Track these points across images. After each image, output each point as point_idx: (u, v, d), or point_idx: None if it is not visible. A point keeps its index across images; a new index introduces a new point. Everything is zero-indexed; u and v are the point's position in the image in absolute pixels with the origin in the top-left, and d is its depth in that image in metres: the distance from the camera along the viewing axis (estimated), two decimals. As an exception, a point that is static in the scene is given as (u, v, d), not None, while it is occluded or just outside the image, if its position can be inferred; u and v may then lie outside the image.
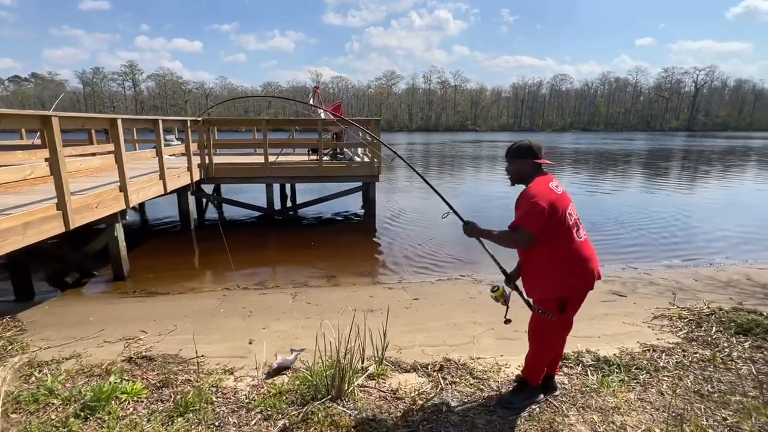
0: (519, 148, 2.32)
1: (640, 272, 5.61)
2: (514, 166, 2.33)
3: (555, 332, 2.34)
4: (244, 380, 2.83)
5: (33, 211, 3.91)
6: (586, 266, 2.21)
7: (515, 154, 2.32)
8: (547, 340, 2.34)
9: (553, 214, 2.12)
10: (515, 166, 2.33)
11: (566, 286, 2.21)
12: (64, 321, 4.11)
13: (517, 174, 2.33)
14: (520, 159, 2.30)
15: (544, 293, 2.27)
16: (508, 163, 2.37)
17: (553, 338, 2.36)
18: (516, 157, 2.31)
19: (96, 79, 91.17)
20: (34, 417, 2.37)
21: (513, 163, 2.34)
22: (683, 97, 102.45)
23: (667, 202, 11.37)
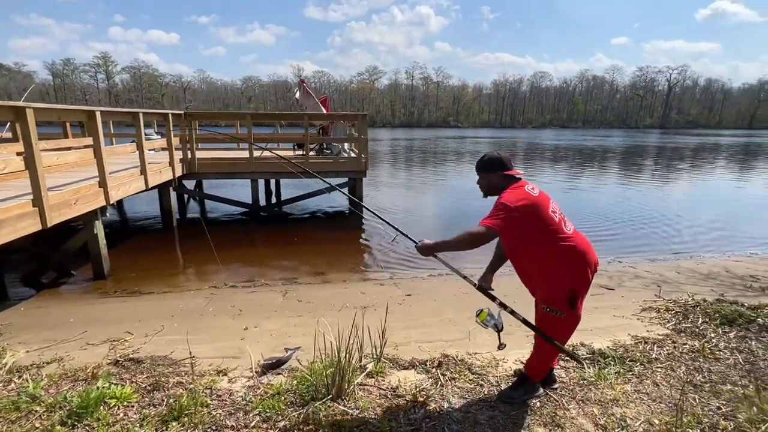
0: (489, 161, 2.28)
1: (625, 266, 5.74)
2: (485, 180, 2.31)
3: (563, 328, 2.31)
4: (238, 381, 2.75)
5: (8, 207, 3.70)
6: (586, 256, 2.20)
7: (486, 168, 2.29)
8: (554, 337, 2.31)
9: (535, 214, 2.11)
10: (486, 179, 2.31)
11: (575, 279, 2.19)
12: (43, 323, 3.92)
13: (488, 187, 2.32)
14: (491, 172, 2.28)
15: (556, 292, 2.20)
16: (479, 176, 2.34)
17: (561, 334, 2.34)
18: (487, 171, 2.29)
19: (67, 70, 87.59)
20: (16, 426, 2.23)
21: (484, 177, 2.31)
22: (657, 96, 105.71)
23: (645, 197, 11.70)
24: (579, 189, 13.27)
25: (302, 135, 8.87)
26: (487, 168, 2.29)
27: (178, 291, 4.97)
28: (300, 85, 10.58)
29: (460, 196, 11.88)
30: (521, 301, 2.79)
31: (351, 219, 9.11)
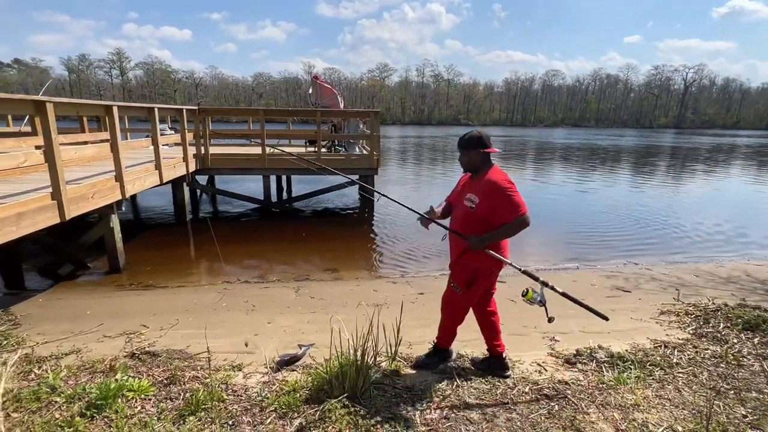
0: (471, 139, 2.48)
1: (641, 268, 5.63)
2: (467, 156, 2.51)
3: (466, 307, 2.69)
4: (253, 377, 2.75)
5: (27, 201, 3.75)
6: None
7: (468, 145, 2.48)
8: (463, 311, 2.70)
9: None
10: (468, 156, 2.50)
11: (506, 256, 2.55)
12: (61, 315, 3.97)
13: (470, 163, 2.51)
14: (472, 149, 2.47)
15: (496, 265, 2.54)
16: (460, 153, 2.53)
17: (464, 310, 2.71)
18: (469, 148, 2.48)
19: (82, 66, 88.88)
20: (36, 416, 2.26)
21: (465, 153, 2.50)
22: (672, 95, 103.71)
23: (659, 198, 11.49)
24: (591, 189, 13.08)
25: (314, 132, 8.87)
26: (469, 146, 2.47)
27: (191, 286, 5.01)
28: (314, 83, 10.56)
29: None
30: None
31: (361, 216, 9.10)
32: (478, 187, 2.44)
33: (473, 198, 2.43)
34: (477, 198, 2.41)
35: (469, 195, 2.46)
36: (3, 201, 3.79)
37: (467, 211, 2.47)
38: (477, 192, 2.43)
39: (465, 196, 2.49)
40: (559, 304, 4.28)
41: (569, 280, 5.10)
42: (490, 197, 2.38)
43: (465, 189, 2.56)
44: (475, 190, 2.45)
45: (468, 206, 2.45)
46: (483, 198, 2.40)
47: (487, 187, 2.40)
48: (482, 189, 2.42)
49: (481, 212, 2.42)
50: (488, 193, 2.39)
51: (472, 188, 2.48)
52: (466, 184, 2.59)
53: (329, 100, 10.49)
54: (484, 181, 2.43)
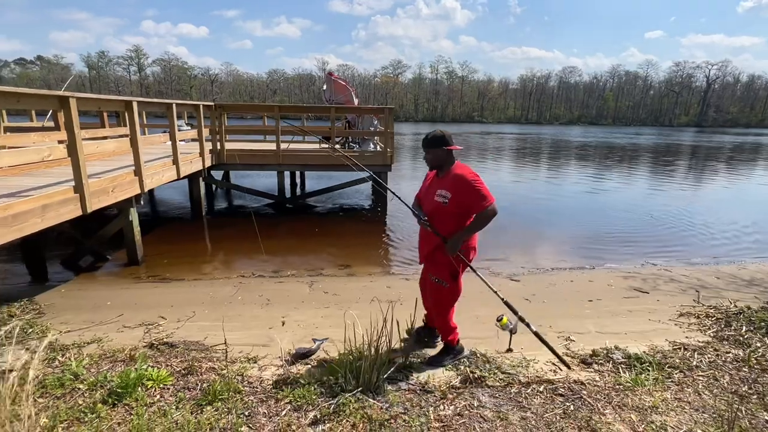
0: (434, 138, 2.60)
1: (659, 269, 5.52)
2: (432, 154, 2.65)
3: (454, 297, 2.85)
4: (268, 369, 2.79)
5: (52, 193, 3.86)
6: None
7: (432, 144, 2.61)
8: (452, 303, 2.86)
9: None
10: (432, 154, 2.64)
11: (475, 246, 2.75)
12: (82, 305, 4.08)
13: (435, 161, 2.66)
14: (437, 147, 2.60)
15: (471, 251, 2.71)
16: (425, 152, 2.66)
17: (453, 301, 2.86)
18: (433, 146, 2.61)
19: (101, 63, 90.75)
20: (61, 402, 2.33)
21: (430, 152, 2.64)
22: (694, 92, 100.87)
23: (679, 197, 11.22)
24: (607, 188, 12.85)
25: (328, 128, 8.90)
26: (434, 144, 2.60)
27: (207, 279, 5.09)
28: (329, 79, 10.58)
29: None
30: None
31: (374, 213, 9.10)
32: (447, 183, 2.58)
33: (444, 193, 2.56)
34: (448, 193, 2.55)
35: (439, 191, 2.59)
36: (29, 194, 3.91)
37: (439, 206, 2.59)
38: (447, 187, 2.56)
39: (435, 192, 2.62)
40: (578, 305, 4.24)
41: (585, 281, 5.03)
42: (460, 191, 2.52)
43: (433, 186, 2.69)
44: (444, 186, 2.58)
45: (440, 202, 2.57)
46: (454, 193, 2.54)
47: (456, 182, 2.55)
48: (451, 184, 2.56)
49: (452, 206, 2.55)
50: (458, 187, 2.53)
51: (441, 184, 2.61)
52: (434, 181, 2.71)
53: (344, 96, 10.50)
54: (451, 176, 2.58)
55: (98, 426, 2.12)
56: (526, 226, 8.12)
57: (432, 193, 2.65)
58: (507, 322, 2.72)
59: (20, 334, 3.29)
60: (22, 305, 3.95)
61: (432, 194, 2.64)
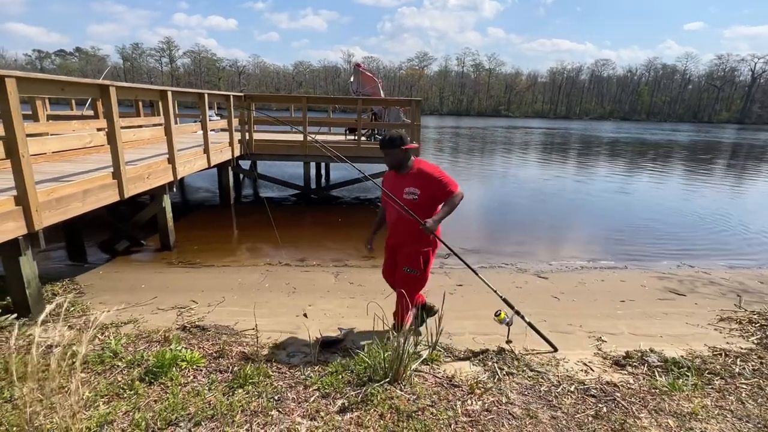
0: (393, 139, 2.67)
1: (697, 271, 5.28)
2: (391, 156, 2.72)
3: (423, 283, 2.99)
4: (296, 356, 2.83)
5: (92, 179, 4.01)
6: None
7: (391, 145, 2.68)
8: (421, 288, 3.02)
9: None
10: (392, 155, 2.72)
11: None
12: (119, 286, 4.25)
13: (395, 160, 2.73)
14: (396, 148, 2.68)
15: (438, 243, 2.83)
16: (385, 154, 2.72)
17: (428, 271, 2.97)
18: (392, 147, 2.68)
19: (135, 54, 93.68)
20: (101, 377, 2.44)
21: (390, 153, 2.71)
22: (737, 87, 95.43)
23: (719, 198, 10.69)
24: (641, 186, 12.37)
25: (354, 120, 8.90)
26: (392, 145, 2.68)
27: (235, 266, 5.20)
28: (356, 70, 10.56)
29: (506, 189, 11.47)
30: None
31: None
32: (413, 180, 2.70)
33: (413, 190, 2.69)
34: (417, 189, 2.68)
35: (407, 189, 2.70)
36: (70, 179, 4.08)
37: (410, 202, 2.70)
38: (413, 184, 2.69)
39: (403, 190, 2.72)
40: (609, 305, 4.11)
41: (617, 280, 4.87)
42: (427, 185, 2.67)
43: (398, 184, 2.77)
44: (411, 183, 2.70)
45: (411, 199, 2.69)
46: (422, 187, 2.67)
47: (420, 177, 2.69)
48: (417, 180, 2.68)
49: (423, 200, 2.69)
50: (423, 181, 2.67)
51: (407, 182, 2.72)
52: (397, 181, 2.79)
53: (371, 88, 10.46)
54: (414, 173, 2.71)
55: (136, 402, 2.20)
56: (554, 223, 7.93)
57: (400, 192, 2.74)
58: (504, 316, 2.87)
59: (63, 312, 3.46)
60: (64, 285, 4.14)
61: (400, 193, 2.74)
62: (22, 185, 3.08)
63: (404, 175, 2.76)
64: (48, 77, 3.35)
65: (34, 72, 3.40)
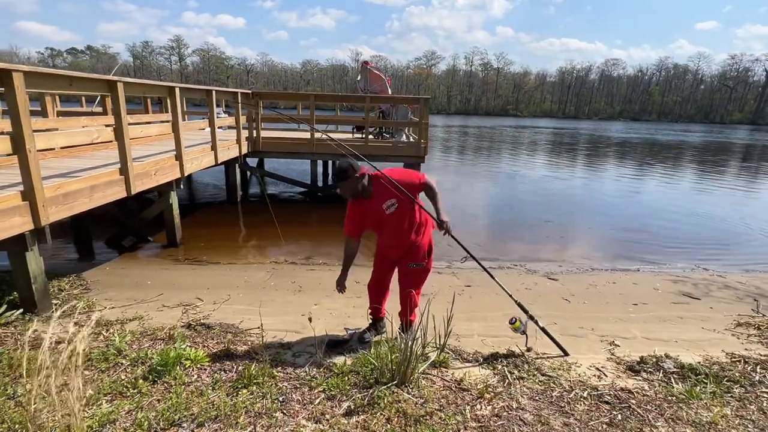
0: (345, 170, 2.51)
1: (712, 274, 5.15)
2: (349, 186, 2.55)
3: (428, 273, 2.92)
4: (302, 356, 2.79)
5: (99, 174, 4.00)
6: None
7: (345, 176, 2.52)
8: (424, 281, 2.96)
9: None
10: (348, 185, 2.55)
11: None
12: (125, 283, 4.24)
13: (354, 189, 2.57)
14: (351, 178, 2.52)
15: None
16: (341, 187, 2.58)
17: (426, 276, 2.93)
18: (347, 178, 2.52)
19: (145, 52, 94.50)
20: (105, 375, 2.41)
21: (347, 184, 2.54)
22: (751, 87, 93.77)
23: (734, 200, 10.48)
24: (652, 187, 12.17)
25: (362, 118, 8.84)
26: (347, 175, 2.51)
27: (242, 263, 5.18)
28: (364, 68, 10.50)
29: (514, 188, 11.35)
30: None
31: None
32: (383, 195, 2.58)
33: (391, 202, 2.58)
34: (393, 199, 2.57)
35: (385, 204, 2.58)
36: (78, 174, 4.08)
37: (400, 213, 2.60)
38: (388, 197, 2.57)
39: (383, 209, 2.59)
40: (622, 308, 4.02)
41: (629, 283, 4.77)
42: (398, 190, 2.55)
43: (374, 208, 2.63)
44: (385, 198, 2.58)
45: (394, 210, 2.59)
46: (396, 195, 2.56)
47: (390, 188, 2.56)
48: (387, 192, 2.56)
49: (407, 203, 2.60)
50: (393, 189, 2.55)
51: (381, 199, 2.58)
52: (371, 206, 2.64)
53: (378, 86, 10.40)
54: (380, 187, 2.58)
55: (139, 401, 2.17)
56: (563, 224, 7.81)
57: (382, 213, 2.62)
58: (519, 324, 2.77)
59: (69, 308, 3.45)
60: (71, 281, 4.14)
61: (382, 213, 2.62)
62: (28, 180, 3.07)
63: (372, 197, 2.61)
64: (55, 72, 3.34)
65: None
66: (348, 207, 2.75)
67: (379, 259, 3.00)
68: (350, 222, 2.75)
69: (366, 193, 2.62)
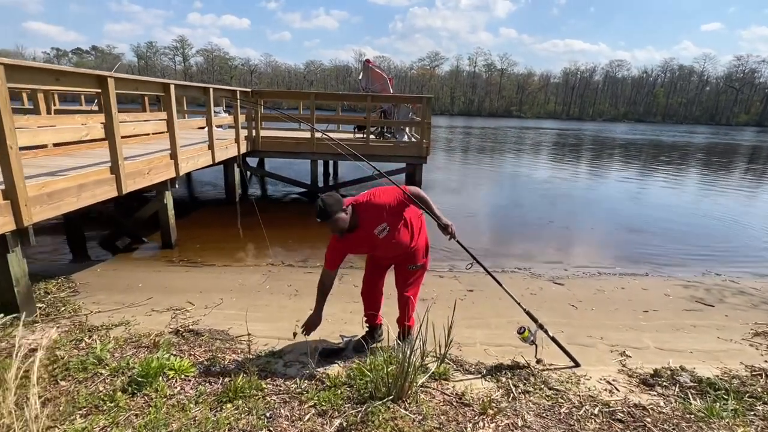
0: (330, 207, 2.34)
1: (725, 279, 4.95)
2: (337, 221, 2.37)
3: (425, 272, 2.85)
4: (293, 366, 2.63)
5: (88, 173, 3.86)
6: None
7: (331, 213, 2.34)
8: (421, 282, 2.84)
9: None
10: (337, 221, 2.36)
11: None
12: (115, 285, 4.10)
13: (345, 223, 2.39)
14: (338, 213, 2.35)
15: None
16: (330, 224, 2.37)
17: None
18: (335, 213, 2.35)
19: (149, 52, 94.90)
20: (82, 386, 2.26)
21: (335, 220, 2.36)
22: (757, 89, 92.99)
23: (743, 203, 10.25)
24: (657, 189, 11.94)
25: (363, 118, 8.69)
26: (332, 212, 2.34)
27: (237, 266, 5.03)
28: (366, 66, 10.35)
29: (518, 190, 11.16)
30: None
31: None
32: (372, 222, 2.43)
33: (383, 227, 2.44)
34: (384, 222, 2.43)
35: (377, 229, 2.44)
36: (67, 173, 3.94)
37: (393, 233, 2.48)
38: (378, 222, 2.42)
39: (375, 235, 2.45)
40: (631, 316, 3.83)
41: (638, 288, 4.58)
42: (387, 212, 2.43)
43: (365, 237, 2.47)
44: (375, 224, 2.43)
45: (388, 232, 2.45)
46: (385, 217, 2.43)
47: (375, 213, 2.43)
48: (376, 217, 2.43)
49: (400, 224, 2.48)
50: (380, 212, 2.42)
51: (371, 227, 2.44)
52: (361, 236, 2.47)
53: (379, 85, 10.24)
54: (367, 216, 2.44)
55: (115, 416, 2.02)
56: (567, 224, 7.62)
57: (375, 238, 2.46)
58: (528, 334, 2.62)
59: (53, 312, 3.31)
60: (59, 282, 4.00)
61: (375, 238, 2.46)
62: (10, 178, 2.93)
63: (361, 226, 2.45)
64: (39, 65, 3.20)
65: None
66: (331, 241, 2.55)
67: (371, 264, 2.84)
68: (335, 255, 2.56)
69: (356, 223, 2.44)
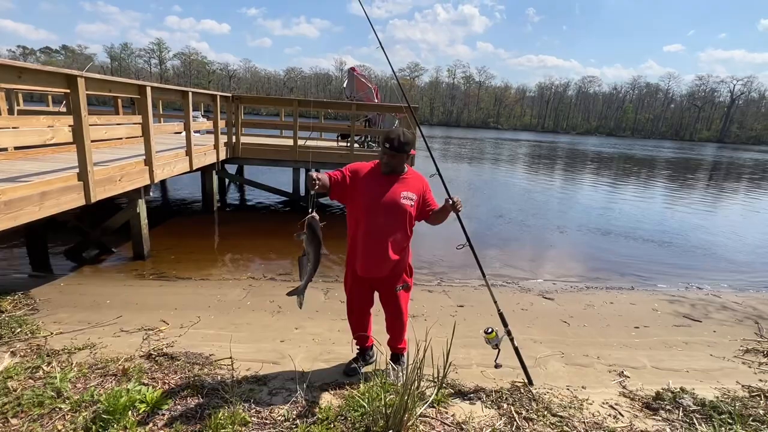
0: (409, 143, 2.33)
1: (707, 293, 5.02)
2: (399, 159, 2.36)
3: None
4: (280, 394, 2.41)
5: (52, 180, 3.55)
6: None
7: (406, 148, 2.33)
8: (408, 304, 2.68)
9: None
10: (400, 159, 2.37)
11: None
12: (80, 302, 3.76)
13: (399, 165, 2.40)
14: (406, 152, 2.35)
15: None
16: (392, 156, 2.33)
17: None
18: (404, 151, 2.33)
19: (124, 54, 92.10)
20: (37, 425, 1.98)
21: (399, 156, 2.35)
22: (717, 107, 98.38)
23: (707, 217, 10.62)
24: (631, 201, 12.27)
25: (347, 126, 8.54)
26: (407, 149, 2.34)
27: (215, 279, 4.74)
28: (350, 74, 10.22)
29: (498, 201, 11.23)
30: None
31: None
32: (411, 185, 2.43)
33: (411, 195, 2.42)
34: (414, 194, 2.43)
35: (404, 193, 2.40)
36: (29, 179, 3.61)
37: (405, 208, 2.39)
38: (412, 189, 2.43)
39: (400, 194, 2.38)
40: (624, 333, 3.78)
41: (626, 303, 4.57)
42: (425, 190, 2.50)
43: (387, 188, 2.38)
44: (409, 188, 2.42)
45: (407, 204, 2.40)
46: (420, 193, 2.46)
47: (420, 183, 2.48)
48: (416, 186, 2.45)
49: (414, 208, 2.45)
50: (422, 187, 2.48)
51: (405, 187, 2.41)
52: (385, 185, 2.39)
53: (363, 93, 10.13)
54: (411, 178, 2.46)
55: (76, 462, 1.76)
56: (551, 239, 7.65)
57: (395, 195, 2.37)
58: (495, 336, 2.62)
59: (7, 333, 2.98)
60: (15, 299, 3.64)
61: (397, 197, 2.37)
62: (-40, 186, 2.62)
63: (397, 178, 2.40)
64: (3, 61, 2.90)
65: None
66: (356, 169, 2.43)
67: (355, 284, 2.56)
68: (346, 172, 2.40)
69: (396, 172, 2.41)
